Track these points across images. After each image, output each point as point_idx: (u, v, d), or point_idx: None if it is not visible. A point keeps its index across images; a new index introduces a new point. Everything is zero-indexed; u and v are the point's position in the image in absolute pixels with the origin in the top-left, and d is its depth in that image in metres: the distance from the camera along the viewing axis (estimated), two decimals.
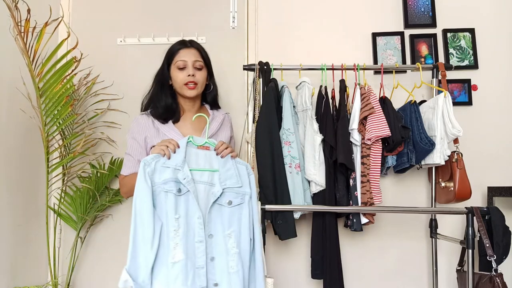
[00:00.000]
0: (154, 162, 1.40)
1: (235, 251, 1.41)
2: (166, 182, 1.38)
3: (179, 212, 1.38)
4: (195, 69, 1.65)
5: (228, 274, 1.39)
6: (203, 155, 1.47)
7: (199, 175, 1.43)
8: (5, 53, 1.89)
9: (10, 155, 1.93)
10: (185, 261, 1.35)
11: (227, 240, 1.42)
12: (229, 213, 1.44)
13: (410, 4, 2.27)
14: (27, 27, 1.71)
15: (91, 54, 2.22)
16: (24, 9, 1.69)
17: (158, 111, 1.65)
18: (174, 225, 1.37)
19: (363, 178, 1.89)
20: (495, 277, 1.65)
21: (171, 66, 1.67)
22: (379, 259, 2.16)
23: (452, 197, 1.93)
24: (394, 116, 1.91)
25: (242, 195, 1.47)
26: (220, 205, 1.43)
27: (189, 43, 1.70)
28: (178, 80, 1.64)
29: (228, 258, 1.41)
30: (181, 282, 1.33)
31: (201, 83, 1.67)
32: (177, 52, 1.66)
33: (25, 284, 1.96)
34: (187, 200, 1.40)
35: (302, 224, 2.13)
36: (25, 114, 1.96)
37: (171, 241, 1.35)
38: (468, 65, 2.21)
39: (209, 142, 1.49)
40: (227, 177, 1.46)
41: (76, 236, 2.10)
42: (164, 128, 1.62)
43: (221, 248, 1.41)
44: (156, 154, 1.41)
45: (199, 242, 1.38)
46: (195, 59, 1.65)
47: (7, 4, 1.66)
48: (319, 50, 2.26)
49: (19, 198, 1.98)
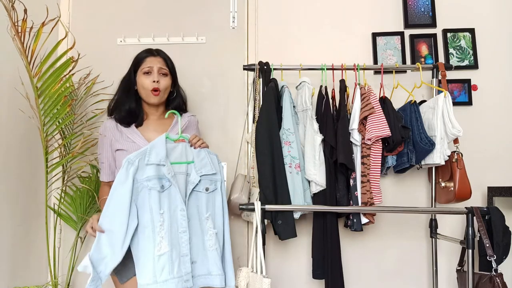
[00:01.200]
0: (138, 159, 1.49)
1: (213, 232, 1.58)
2: (150, 179, 1.48)
3: (163, 207, 1.49)
4: (160, 75, 1.73)
5: (205, 251, 1.55)
6: (179, 148, 1.60)
7: (177, 167, 1.57)
8: (3, 53, 1.89)
9: (10, 155, 1.93)
10: (170, 252, 1.47)
11: (205, 223, 1.57)
12: (206, 199, 1.60)
13: (410, 4, 2.27)
14: (24, 27, 1.71)
15: (91, 54, 2.22)
16: (21, 9, 1.69)
17: (121, 115, 1.72)
18: (159, 220, 1.48)
19: (363, 178, 1.89)
20: (495, 277, 1.65)
21: (137, 73, 1.74)
22: (379, 259, 2.16)
23: (452, 197, 1.93)
24: (394, 116, 1.91)
25: (215, 181, 1.63)
26: (197, 191, 1.59)
27: (156, 52, 1.78)
28: (144, 85, 1.72)
29: (205, 238, 1.56)
30: (168, 272, 1.45)
31: (164, 89, 1.74)
32: (144, 60, 1.75)
33: (25, 284, 1.96)
34: (169, 194, 1.52)
35: (302, 224, 2.13)
36: (24, 114, 1.96)
37: (157, 235, 1.46)
38: (468, 65, 2.22)
39: (184, 136, 1.63)
40: (202, 165, 1.60)
41: (76, 236, 2.10)
42: (127, 131, 1.70)
43: (196, 229, 1.56)
44: (140, 151, 1.51)
45: (183, 232, 1.51)
46: (160, 66, 1.74)
47: (3, 4, 1.66)
48: (319, 50, 2.26)
49: (19, 198, 1.98)
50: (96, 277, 1.42)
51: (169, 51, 2.34)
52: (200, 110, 2.22)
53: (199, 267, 1.54)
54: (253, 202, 1.74)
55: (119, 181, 1.46)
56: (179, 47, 2.28)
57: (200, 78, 2.27)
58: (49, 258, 1.94)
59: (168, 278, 1.45)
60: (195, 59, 2.28)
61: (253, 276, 1.63)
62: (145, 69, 1.71)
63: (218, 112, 2.26)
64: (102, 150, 1.71)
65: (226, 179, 2.16)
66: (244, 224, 2.19)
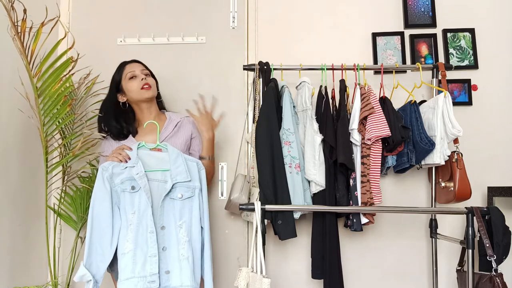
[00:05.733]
0: (111, 166, 1.59)
1: (186, 240, 1.58)
2: (123, 181, 1.58)
3: (134, 207, 1.56)
4: (144, 76, 1.84)
5: (179, 261, 1.56)
6: (155, 157, 1.64)
7: (152, 174, 1.62)
8: (2, 53, 1.89)
9: (9, 155, 1.93)
10: (134, 251, 1.52)
11: (178, 230, 1.59)
12: (180, 206, 1.61)
13: (410, 4, 2.27)
14: (24, 27, 1.71)
15: (91, 54, 2.22)
16: (21, 9, 1.69)
17: (113, 132, 1.83)
18: (130, 220, 1.55)
19: (363, 178, 1.88)
20: (495, 277, 1.65)
21: (122, 82, 1.84)
22: (379, 259, 2.16)
23: (452, 197, 1.93)
24: (394, 116, 1.91)
25: (192, 189, 1.64)
26: (172, 199, 1.61)
27: (132, 60, 1.90)
28: (134, 88, 1.81)
29: (179, 246, 1.57)
30: (130, 270, 1.50)
31: (154, 86, 1.86)
32: (124, 68, 1.86)
33: (25, 284, 1.96)
34: (140, 195, 1.57)
35: (302, 224, 2.13)
36: (24, 114, 1.96)
37: (126, 235, 1.54)
38: (468, 65, 2.22)
39: (161, 145, 1.67)
40: (177, 173, 1.62)
41: (76, 236, 2.10)
42: (126, 142, 1.80)
43: (173, 238, 1.58)
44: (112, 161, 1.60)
45: (151, 232, 1.54)
46: (141, 68, 1.86)
47: (3, 4, 1.65)
48: (319, 50, 2.26)
49: (19, 198, 1.98)
50: (93, 281, 1.50)
51: (169, 51, 2.35)
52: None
53: (174, 277, 1.55)
54: (253, 202, 1.74)
55: (97, 188, 1.57)
56: (179, 47, 2.28)
57: (200, 78, 2.27)
58: (49, 258, 1.94)
59: (129, 276, 1.50)
60: (195, 59, 2.28)
61: (253, 276, 1.63)
62: (129, 74, 1.82)
63: (218, 112, 2.25)
64: (103, 159, 1.81)
65: (226, 179, 2.17)
66: (244, 224, 2.19)
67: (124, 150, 1.63)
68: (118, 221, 1.56)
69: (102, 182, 1.57)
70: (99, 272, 1.52)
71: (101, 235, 1.53)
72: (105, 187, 1.56)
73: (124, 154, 1.61)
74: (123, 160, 1.60)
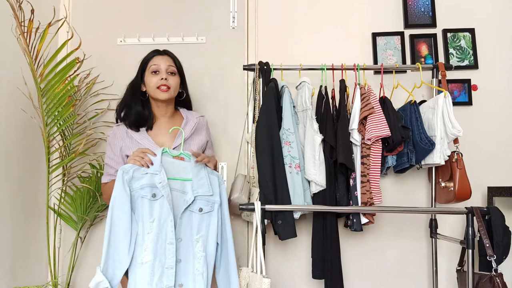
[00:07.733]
0: (133, 170, 1.51)
1: (202, 255, 1.52)
2: (143, 187, 1.50)
3: (153, 215, 1.49)
4: (168, 74, 1.71)
5: (193, 276, 1.50)
6: (178, 165, 1.58)
7: (173, 183, 1.54)
8: (6, 52, 1.89)
9: (11, 155, 1.93)
10: (153, 262, 1.45)
11: (194, 244, 1.53)
12: (199, 220, 1.55)
13: (410, 4, 2.27)
14: (30, 27, 1.71)
15: (91, 54, 2.22)
16: (28, 9, 1.69)
17: (130, 119, 1.70)
18: (148, 228, 1.47)
19: (363, 178, 1.89)
20: (495, 277, 1.65)
21: (145, 72, 1.72)
22: (379, 259, 2.16)
23: (452, 197, 1.93)
24: (394, 116, 1.91)
25: (212, 203, 1.58)
26: (191, 211, 1.54)
27: (163, 51, 1.77)
28: (151, 84, 1.69)
29: (194, 260, 1.51)
30: (147, 282, 1.43)
31: (174, 87, 1.72)
32: (151, 59, 1.73)
33: (25, 284, 1.96)
34: (162, 204, 1.50)
35: (302, 224, 2.13)
36: (26, 114, 1.96)
37: (144, 243, 1.46)
38: (468, 65, 2.22)
39: (184, 153, 1.59)
40: (199, 185, 1.56)
41: (76, 236, 2.10)
42: (138, 137, 1.67)
43: (188, 252, 1.52)
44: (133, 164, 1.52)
45: (170, 244, 1.48)
46: (169, 64, 1.72)
47: (10, 4, 1.65)
48: (319, 50, 2.26)
49: (19, 198, 1.98)
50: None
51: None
52: (200, 110, 2.21)
53: None
54: (253, 202, 1.74)
55: (116, 191, 1.48)
56: (179, 47, 2.28)
57: (200, 78, 2.26)
58: (49, 258, 1.94)
59: None
60: (195, 59, 2.28)
61: (253, 276, 1.63)
62: (152, 68, 1.70)
63: (218, 112, 2.26)
64: (111, 153, 1.68)
65: (226, 179, 2.17)
66: (244, 224, 2.19)
67: (147, 155, 1.54)
68: (135, 226, 1.48)
69: (122, 184, 1.48)
70: (115, 279, 1.43)
71: (119, 240, 1.45)
72: (125, 191, 1.48)
73: (147, 159, 1.53)
74: (145, 165, 1.52)
